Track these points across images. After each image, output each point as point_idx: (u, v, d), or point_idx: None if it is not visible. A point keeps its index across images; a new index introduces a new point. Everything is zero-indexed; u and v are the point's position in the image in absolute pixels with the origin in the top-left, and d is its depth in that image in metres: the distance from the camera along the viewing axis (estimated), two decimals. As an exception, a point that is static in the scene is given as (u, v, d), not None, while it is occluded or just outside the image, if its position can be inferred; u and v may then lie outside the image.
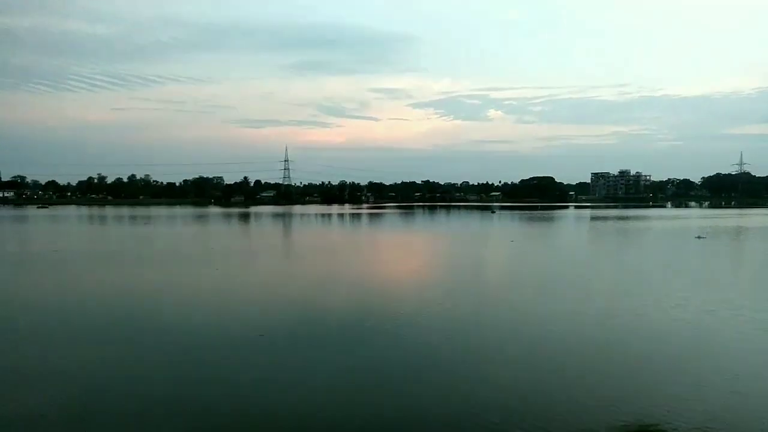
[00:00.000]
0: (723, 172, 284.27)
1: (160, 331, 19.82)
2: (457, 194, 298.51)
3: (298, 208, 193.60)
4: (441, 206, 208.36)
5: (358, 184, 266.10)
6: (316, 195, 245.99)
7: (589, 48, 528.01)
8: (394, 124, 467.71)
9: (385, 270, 37.05)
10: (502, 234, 69.63)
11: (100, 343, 18.29)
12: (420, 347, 17.55)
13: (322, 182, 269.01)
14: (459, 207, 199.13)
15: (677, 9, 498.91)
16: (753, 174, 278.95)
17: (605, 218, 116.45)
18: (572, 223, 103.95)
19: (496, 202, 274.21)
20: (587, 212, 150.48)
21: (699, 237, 60.25)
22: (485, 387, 14.04)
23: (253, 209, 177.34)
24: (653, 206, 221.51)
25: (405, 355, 16.67)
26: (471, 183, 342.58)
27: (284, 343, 18.23)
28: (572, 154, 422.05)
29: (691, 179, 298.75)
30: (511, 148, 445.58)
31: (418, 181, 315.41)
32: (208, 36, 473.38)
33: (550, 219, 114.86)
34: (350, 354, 16.88)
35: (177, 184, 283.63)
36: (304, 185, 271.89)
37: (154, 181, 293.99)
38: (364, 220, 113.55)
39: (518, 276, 34.20)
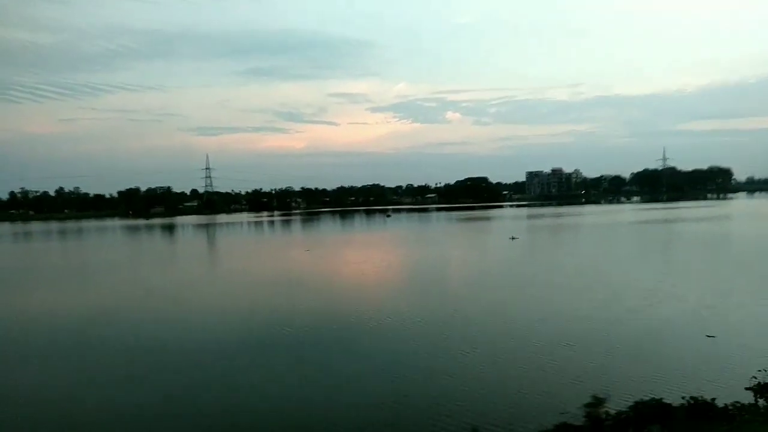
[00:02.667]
0: (651, 168, 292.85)
1: None
2: (393, 198, 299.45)
3: (222, 218, 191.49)
4: (362, 211, 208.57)
5: (290, 190, 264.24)
6: (244, 203, 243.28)
7: (542, 49, 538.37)
8: (353, 128, 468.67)
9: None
10: (317, 241, 69.84)
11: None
12: None
13: (256, 189, 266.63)
14: (368, 211, 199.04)
15: (626, 11, 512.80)
16: (679, 169, 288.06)
17: (496, 218, 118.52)
18: (446, 224, 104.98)
19: (432, 203, 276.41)
20: (502, 212, 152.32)
21: (512, 238, 61.00)
22: None
23: (165, 220, 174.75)
24: (586, 203, 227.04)
25: None
26: (415, 185, 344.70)
27: None
28: (528, 154, 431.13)
29: (622, 175, 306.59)
30: (469, 149, 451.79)
31: (357, 186, 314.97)
32: (159, 44, 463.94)
33: (437, 221, 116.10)
34: None
35: (107, 196, 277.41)
36: (236, 193, 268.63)
37: (84, 193, 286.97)
38: (238, 229, 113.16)
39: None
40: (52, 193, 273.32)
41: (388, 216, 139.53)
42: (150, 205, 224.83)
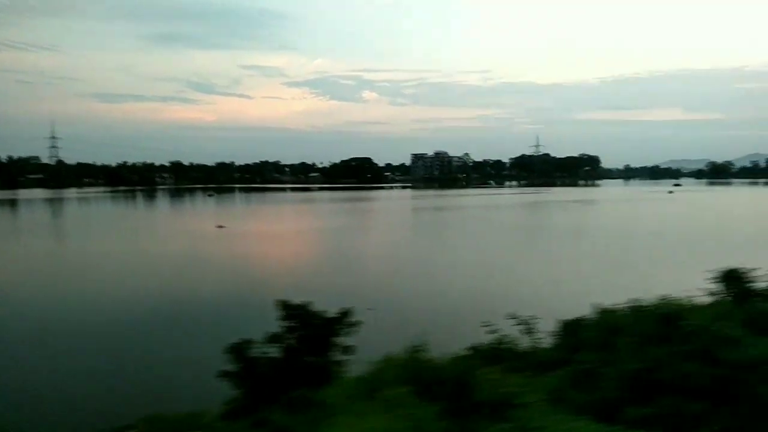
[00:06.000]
0: (527, 154, 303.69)
1: None
2: (275, 175, 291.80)
3: (68, 192, 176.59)
4: (216, 189, 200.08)
5: (154, 164, 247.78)
6: (101, 177, 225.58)
7: (456, 33, 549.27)
8: (268, 102, 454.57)
9: None
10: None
11: None
12: None
13: (122, 162, 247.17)
14: (231, 189, 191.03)
15: (535, 3, 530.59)
16: (553, 155, 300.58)
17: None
18: (236, 207, 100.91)
19: (315, 182, 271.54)
20: (365, 194, 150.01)
21: (219, 226, 56.57)
22: None
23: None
24: (465, 186, 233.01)
25: None
26: (308, 163, 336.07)
27: None
28: (442, 137, 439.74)
29: (502, 160, 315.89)
30: (387, 129, 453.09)
31: (238, 163, 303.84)
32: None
33: (253, 202, 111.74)
34: None
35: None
36: (101, 165, 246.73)
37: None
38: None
39: None
40: None
41: (210, 195, 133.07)
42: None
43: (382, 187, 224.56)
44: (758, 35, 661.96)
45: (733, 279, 11.43)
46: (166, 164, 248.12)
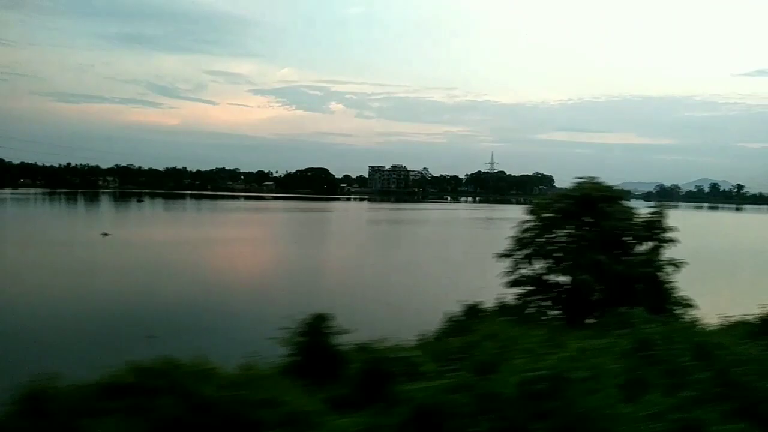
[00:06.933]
0: (483, 171, 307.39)
1: None
2: (228, 183, 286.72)
3: (3, 192, 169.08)
4: (162, 194, 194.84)
5: (99, 167, 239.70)
6: (40, 178, 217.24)
7: (424, 50, 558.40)
8: (233, 109, 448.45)
9: None
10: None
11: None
12: None
13: (66, 164, 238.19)
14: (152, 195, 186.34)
15: (502, 28, 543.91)
16: (509, 173, 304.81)
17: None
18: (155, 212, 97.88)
19: (269, 192, 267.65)
20: (312, 204, 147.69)
21: (104, 234, 53.95)
22: None
23: None
24: (421, 200, 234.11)
25: None
26: (265, 172, 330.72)
27: None
28: (407, 150, 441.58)
29: (459, 176, 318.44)
30: (352, 141, 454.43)
31: (192, 169, 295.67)
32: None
33: (177, 210, 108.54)
34: None
35: None
36: (44, 166, 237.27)
37: None
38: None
39: None
40: None
41: (140, 201, 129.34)
42: None
43: (337, 199, 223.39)
44: (704, 68, 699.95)
45: (314, 329, 9.44)
46: (114, 167, 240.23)
